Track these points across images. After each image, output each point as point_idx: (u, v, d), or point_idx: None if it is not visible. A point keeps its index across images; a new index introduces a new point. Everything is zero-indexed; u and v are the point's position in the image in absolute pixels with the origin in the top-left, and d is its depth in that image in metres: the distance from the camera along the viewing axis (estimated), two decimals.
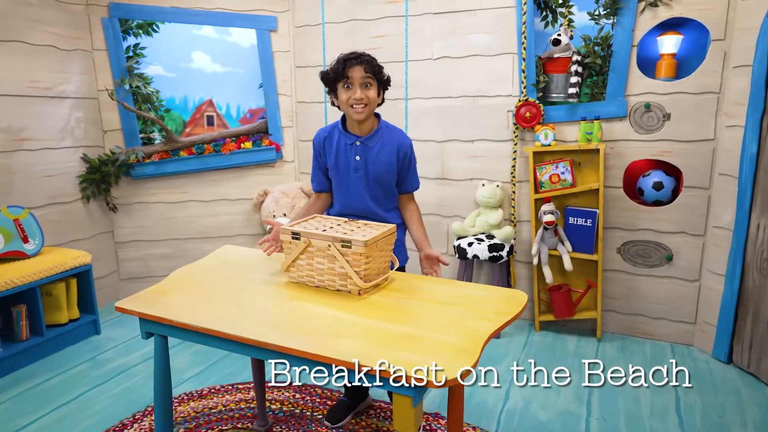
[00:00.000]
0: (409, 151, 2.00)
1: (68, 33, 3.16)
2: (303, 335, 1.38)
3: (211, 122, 3.98)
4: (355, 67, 1.84)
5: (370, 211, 1.99)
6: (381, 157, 1.94)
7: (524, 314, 3.24)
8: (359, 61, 1.84)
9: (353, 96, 1.85)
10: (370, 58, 1.88)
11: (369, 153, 1.94)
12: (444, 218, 3.36)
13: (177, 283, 1.78)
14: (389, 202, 2.03)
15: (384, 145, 1.94)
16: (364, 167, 1.94)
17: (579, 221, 2.91)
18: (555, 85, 2.94)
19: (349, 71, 1.84)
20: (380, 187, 1.97)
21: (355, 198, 1.98)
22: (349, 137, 1.95)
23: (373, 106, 1.91)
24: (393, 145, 1.95)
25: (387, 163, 1.95)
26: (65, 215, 3.22)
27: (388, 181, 1.97)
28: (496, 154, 3.15)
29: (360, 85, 1.85)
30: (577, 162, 2.91)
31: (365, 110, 1.87)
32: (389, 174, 1.96)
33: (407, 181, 2.04)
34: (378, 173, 1.94)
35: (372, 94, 1.88)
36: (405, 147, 1.98)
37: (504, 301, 1.61)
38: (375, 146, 1.94)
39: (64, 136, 3.17)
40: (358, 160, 1.94)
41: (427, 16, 3.18)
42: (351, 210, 2.01)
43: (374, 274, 1.68)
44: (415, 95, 3.28)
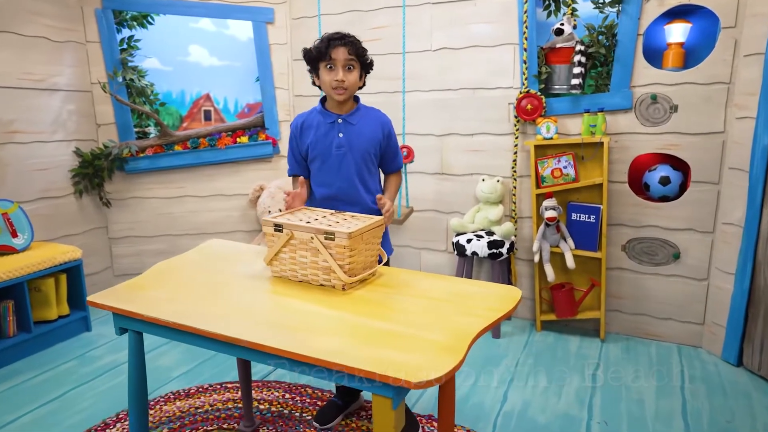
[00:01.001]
0: (392, 128, 2.01)
1: (61, 25, 3.11)
2: (279, 331, 1.30)
3: (209, 117, 3.92)
4: (339, 48, 1.81)
5: (351, 190, 1.93)
6: (364, 133, 1.92)
7: (525, 313, 3.14)
8: (343, 42, 1.81)
9: (335, 77, 1.82)
10: (354, 40, 1.85)
11: (352, 130, 1.91)
12: (443, 214, 3.27)
13: (156, 277, 1.71)
14: (373, 182, 1.99)
15: (366, 122, 1.94)
16: (348, 144, 1.90)
17: (582, 217, 2.81)
18: (557, 76, 2.84)
19: (333, 52, 1.81)
20: (364, 164, 1.94)
21: (339, 177, 1.92)
22: (330, 116, 1.92)
23: (354, 89, 1.89)
24: (376, 122, 1.96)
25: (371, 139, 1.93)
26: (57, 210, 3.17)
27: (372, 157, 1.95)
28: (496, 147, 3.05)
29: (343, 66, 1.82)
30: (580, 156, 2.81)
31: (346, 93, 1.86)
32: (374, 149, 1.94)
33: (394, 159, 2.03)
34: (363, 148, 1.92)
35: (353, 77, 1.85)
36: (387, 124, 1.99)
37: (496, 297, 1.52)
38: (357, 123, 1.92)
39: (56, 129, 3.12)
40: (341, 137, 1.90)
41: (426, 6, 3.09)
42: (328, 191, 1.93)
43: (360, 269, 1.60)
44: (414, 87, 3.19)
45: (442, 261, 3.33)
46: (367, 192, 1.96)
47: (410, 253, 3.42)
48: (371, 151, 1.93)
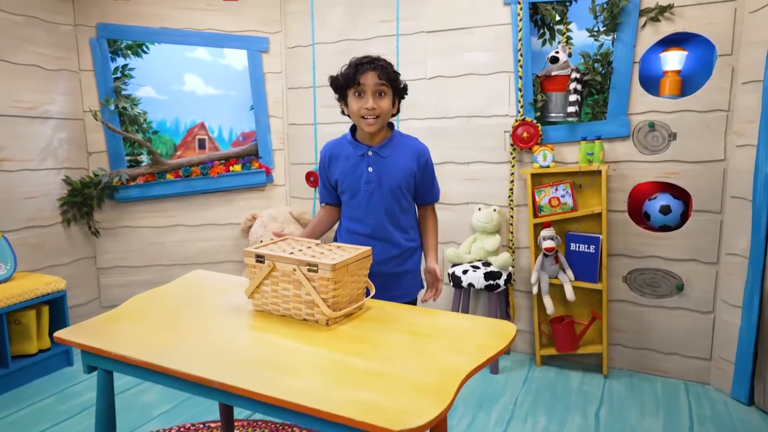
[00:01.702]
0: (429, 158, 1.84)
1: (54, 53, 3.10)
2: (253, 371, 1.20)
3: (203, 145, 3.89)
4: (368, 73, 1.66)
5: (383, 229, 1.80)
6: (398, 166, 1.76)
7: (524, 347, 3.03)
8: (373, 66, 1.66)
9: (365, 105, 1.68)
10: (386, 63, 1.70)
11: (383, 163, 1.76)
12: (439, 244, 3.18)
13: (132, 310, 1.62)
14: (405, 219, 1.84)
15: (400, 153, 1.77)
16: (378, 179, 1.76)
17: (581, 247, 2.72)
18: (553, 104, 2.80)
19: (361, 77, 1.67)
20: (395, 201, 1.78)
21: (367, 215, 1.80)
22: (360, 147, 1.78)
23: (386, 117, 1.74)
24: (411, 152, 1.79)
25: (404, 172, 1.77)
26: (44, 239, 3.09)
27: (405, 193, 1.80)
28: (492, 176, 2.99)
29: (373, 93, 1.68)
30: (578, 184, 2.75)
31: (377, 122, 1.71)
32: (407, 185, 1.79)
33: (429, 191, 1.87)
34: (394, 184, 1.76)
35: (386, 104, 1.70)
36: (425, 153, 1.82)
37: (489, 333, 1.43)
38: (390, 155, 1.77)
39: (45, 157, 3.08)
40: (370, 172, 1.77)
41: (421, 35, 3.08)
42: (361, 228, 1.82)
43: (345, 302, 1.51)
44: (409, 116, 3.16)
45: None
46: (399, 229, 1.83)
47: None
48: (403, 186, 1.78)
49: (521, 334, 3.04)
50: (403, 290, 1.87)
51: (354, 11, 3.24)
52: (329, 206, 1.95)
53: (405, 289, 1.88)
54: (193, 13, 3.36)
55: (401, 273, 1.85)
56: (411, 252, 1.87)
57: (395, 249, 1.83)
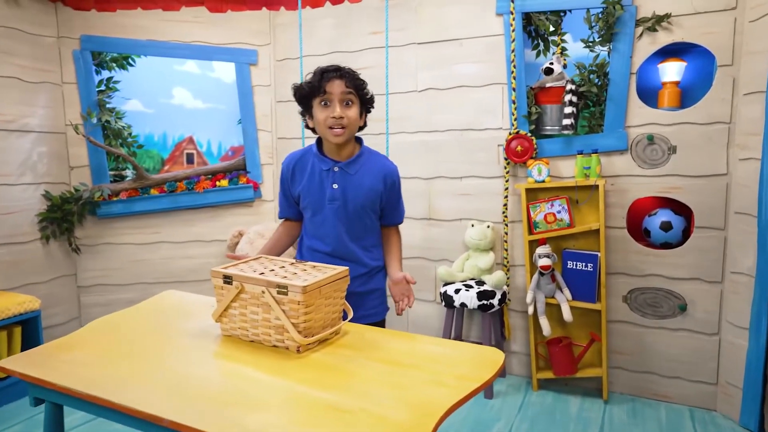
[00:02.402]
0: (397, 179, 1.76)
1: (36, 65, 3.02)
2: (209, 407, 1.08)
3: (191, 160, 3.80)
4: (335, 81, 1.59)
5: (345, 248, 1.72)
6: (363, 185, 1.68)
7: (520, 370, 2.89)
8: (339, 74, 1.60)
9: (331, 114, 1.60)
10: (352, 72, 1.63)
11: (349, 180, 1.68)
12: (431, 262, 3.06)
13: (92, 335, 1.50)
14: (369, 239, 1.76)
15: (367, 171, 1.69)
16: (343, 197, 1.67)
17: (579, 266, 2.60)
18: (548, 116, 2.71)
19: (327, 86, 1.59)
20: (359, 221, 1.71)
21: (330, 233, 1.71)
22: (326, 162, 1.69)
23: (354, 128, 1.65)
24: (378, 172, 1.70)
25: (370, 191, 1.69)
26: (21, 256, 2.98)
27: (369, 213, 1.72)
28: (486, 191, 2.88)
29: (340, 102, 1.60)
30: (574, 200, 2.64)
31: (345, 132, 1.62)
32: (372, 204, 1.71)
33: (393, 212, 1.80)
34: (359, 204, 1.68)
35: (353, 114, 1.62)
36: (392, 174, 1.74)
37: (474, 362, 1.30)
38: (356, 173, 1.68)
39: (24, 172, 2.98)
40: (335, 189, 1.67)
41: (412, 47, 3.00)
42: (323, 246, 1.73)
43: (318, 327, 1.39)
44: (400, 129, 3.06)
45: (431, 312, 3.10)
46: (362, 249, 1.74)
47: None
48: (368, 206, 1.70)
49: (517, 357, 2.91)
50: (368, 310, 1.76)
51: (344, 23, 3.17)
52: (289, 222, 1.85)
53: (370, 309, 1.77)
54: (180, 25, 3.29)
55: (366, 292, 1.75)
56: (376, 271, 1.79)
57: (360, 268, 1.73)
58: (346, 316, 1.52)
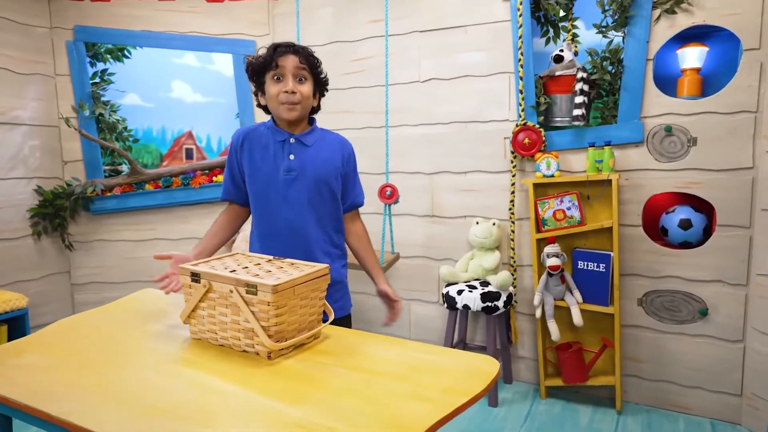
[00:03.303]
0: (353, 153, 1.68)
1: (27, 56, 2.94)
2: (159, 423, 0.95)
3: (190, 155, 3.70)
4: (288, 56, 1.51)
5: (304, 225, 1.56)
6: (321, 156, 1.59)
7: (528, 377, 2.72)
8: (293, 49, 1.52)
9: (283, 89, 1.50)
10: (306, 49, 1.56)
11: (306, 151, 1.58)
12: (434, 261, 2.91)
13: (49, 338, 1.38)
14: (329, 219, 1.62)
15: (324, 144, 1.61)
16: (300, 167, 1.55)
17: (590, 266, 2.43)
18: (558, 107, 2.54)
19: (280, 60, 1.51)
20: (319, 194, 1.58)
21: (287, 207, 1.55)
22: (281, 133, 1.58)
23: (307, 105, 1.56)
24: (334, 145, 1.64)
25: (328, 163, 1.60)
26: (11, 252, 2.90)
27: (330, 187, 1.60)
28: (491, 187, 2.73)
29: (293, 76, 1.52)
30: (585, 195, 2.47)
31: (298, 107, 1.53)
32: (331, 177, 1.60)
33: (352, 191, 1.68)
34: (319, 175, 1.57)
35: (306, 90, 1.54)
36: (348, 147, 1.67)
37: (464, 372, 1.15)
38: (313, 144, 1.59)
39: (14, 166, 2.90)
40: (291, 160, 1.56)
41: (414, 35, 2.85)
42: (274, 227, 1.57)
43: (292, 331, 1.25)
44: (401, 122, 2.92)
45: (435, 314, 2.95)
46: (322, 229, 1.60)
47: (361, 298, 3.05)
48: (328, 180, 1.59)
49: (524, 362, 2.74)
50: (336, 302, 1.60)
51: (343, 11, 3.03)
52: (233, 207, 1.69)
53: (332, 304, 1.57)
54: (176, 15, 3.18)
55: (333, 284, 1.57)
56: (337, 257, 1.65)
57: (318, 251, 1.59)
58: (326, 318, 1.38)
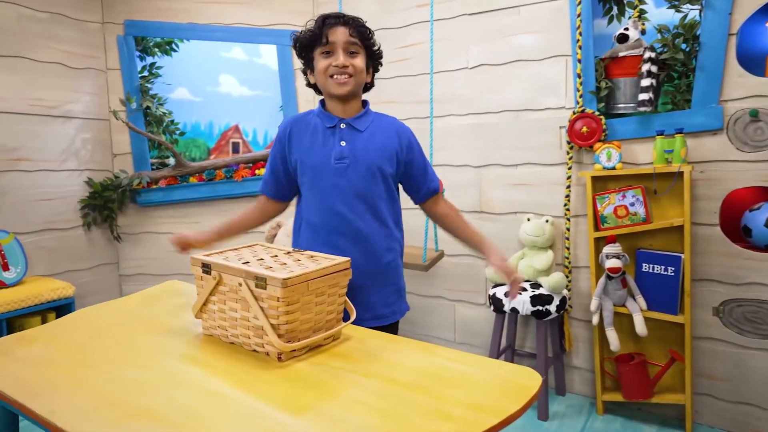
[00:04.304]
0: (413, 137, 1.51)
1: (80, 51, 3.00)
2: (142, 426, 0.85)
3: (237, 149, 3.69)
4: (338, 28, 1.38)
5: (358, 217, 1.42)
6: (375, 141, 1.44)
7: (583, 389, 2.48)
8: (343, 20, 1.39)
9: (334, 63, 1.38)
10: (357, 19, 1.42)
11: (358, 137, 1.44)
12: (481, 261, 2.72)
13: (63, 328, 1.33)
14: (387, 210, 1.46)
15: (378, 128, 1.46)
16: (352, 154, 1.42)
17: (656, 269, 2.17)
18: (621, 91, 2.29)
19: (330, 33, 1.38)
20: (374, 184, 1.43)
21: (339, 199, 1.42)
22: (331, 119, 1.45)
23: (360, 79, 1.42)
24: (389, 128, 1.48)
25: (384, 148, 1.44)
26: (62, 243, 2.97)
27: (386, 175, 1.44)
28: (545, 180, 2.51)
29: (344, 50, 1.39)
30: (652, 190, 2.21)
31: (350, 81, 1.40)
32: (387, 164, 1.44)
33: (424, 179, 1.51)
34: (372, 161, 1.42)
35: (359, 63, 1.40)
36: (406, 132, 1.50)
37: (499, 386, 0.99)
38: (366, 129, 1.44)
39: (66, 158, 2.97)
40: (343, 146, 1.42)
41: (462, 19, 2.67)
42: (324, 219, 1.44)
43: (305, 330, 1.13)
44: (447, 111, 2.75)
45: (481, 316, 2.76)
46: (379, 221, 1.44)
47: (443, 306, 2.88)
48: (384, 167, 1.44)
49: (579, 373, 2.50)
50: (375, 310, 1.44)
51: None
52: (266, 200, 1.58)
53: (379, 310, 1.45)
54: (221, 6, 3.17)
55: (373, 286, 1.43)
56: (389, 259, 1.48)
57: (370, 252, 1.43)
58: (348, 317, 1.25)
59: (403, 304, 1.55)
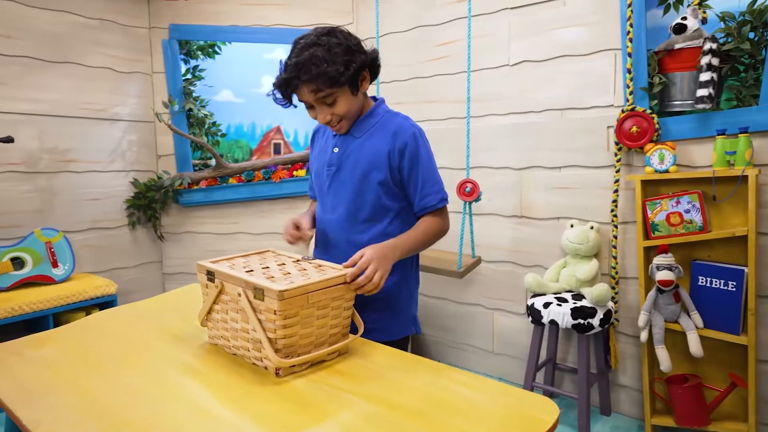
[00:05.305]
0: (414, 140, 1.32)
1: (128, 55, 3.10)
2: None
3: (278, 150, 3.71)
4: (302, 89, 1.25)
5: (344, 229, 1.36)
6: (366, 147, 1.33)
7: (630, 409, 2.30)
8: (304, 78, 1.21)
9: (319, 120, 1.31)
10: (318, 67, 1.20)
11: (351, 144, 1.36)
12: (521, 268, 2.58)
13: (75, 331, 1.34)
14: (380, 222, 1.34)
15: (375, 132, 1.34)
16: (339, 162, 1.35)
17: (715, 283, 1.96)
18: (677, 87, 2.09)
19: (298, 94, 1.27)
20: (361, 196, 1.33)
21: (331, 208, 1.38)
22: None
23: (351, 113, 1.32)
24: (387, 131, 1.33)
25: (372, 155, 1.32)
26: (109, 241, 3.07)
27: (376, 186, 1.32)
28: (590, 184, 2.33)
29: (319, 104, 1.28)
30: (710, 196, 2.00)
31: (343, 124, 1.34)
32: (377, 172, 1.31)
33: (416, 191, 1.33)
34: (359, 171, 1.33)
35: (341, 108, 1.28)
36: (405, 134, 1.31)
37: (509, 417, 0.89)
38: (363, 135, 1.35)
39: (113, 159, 3.07)
40: (335, 153, 1.37)
41: (504, 13, 2.54)
42: (324, 233, 1.42)
43: (306, 345, 1.07)
44: (487, 111, 2.62)
45: (522, 327, 2.61)
46: (363, 234, 1.34)
47: (481, 314, 2.76)
48: (372, 174, 1.32)
49: (626, 392, 2.32)
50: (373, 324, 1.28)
51: None
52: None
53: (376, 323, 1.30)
54: (262, 8, 3.18)
55: (370, 299, 1.29)
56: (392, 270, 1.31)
57: None
58: (356, 331, 1.18)
59: (396, 326, 1.38)
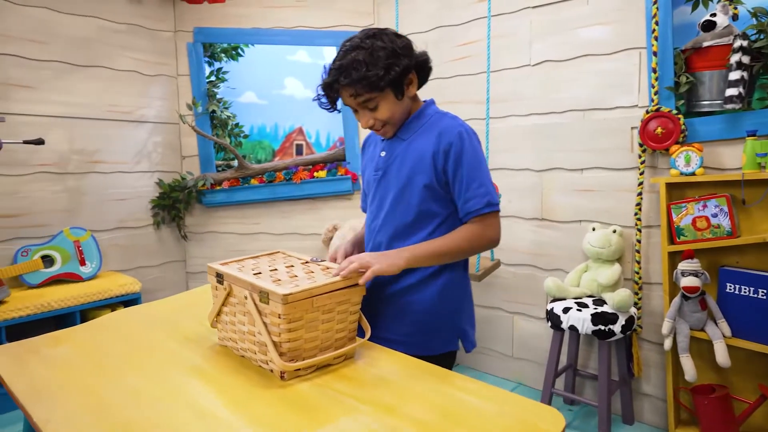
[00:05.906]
0: (458, 140, 1.23)
1: (153, 59, 3.17)
2: None
3: (300, 151, 3.74)
4: (343, 93, 1.25)
5: (390, 236, 1.31)
6: (411, 150, 1.27)
7: (653, 418, 2.23)
8: (344, 82, 1.21)
9: (362, 124, 1.29)
10: (359, 71, 1.18)
11: (397, 147, 1.31)
12: (542, 272, 2.53)
13: (92, 330, 1.37)
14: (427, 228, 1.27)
15: (422, 134, 1.28)
16: (385, 166, 1.31)
17: (744, 290, 1.88)
18: (705, 86, 2.02)
19: (341, 98, 1.27)
20: (404, 202, 1.27)
21: (376, 216, 1.35)
22: None
23: (396, 119, 1.28)
24: (433, 132, 1.26)
25: (418, 158, 1.26)
26: (134, 240, 3.15)
27: (422, 191, 1.25)
28: (613, 186, 2.27)
29: (361, 108, 1.26)
30: (739, 199, 1.92)
31: (388, 128, 1.30)
32: (422, 175, 1.25)
33: (461, 194, 1.24)
34: (403, 174, 1.27)
35: (384, 112, 1.25)
36: (448, 138, 1.23)
37: (514, 427, 0.87)
38: (409, 137, 1.30)
39: (139, 160, 3.14)
40: (381, 157, 1.34)
41: (525, 12, 2.50)
42: (372, 240, 1.36)
43: (311, 349, 1.07)
44: (509, 112, 2.58)
45: (542, 332, 2.57)
46: (408, 241, 1.28)
47: (501, 318, 2.72)
48: (417, 177, 1.25)
49: (649, 401, 2.25)
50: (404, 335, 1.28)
51: None
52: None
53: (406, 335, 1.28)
54: (283, 11, 3.21)
55: (406, 310, 1.27)
56: (432, 279, 1.28)
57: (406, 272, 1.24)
58: (363, 334, 1.17)
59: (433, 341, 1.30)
